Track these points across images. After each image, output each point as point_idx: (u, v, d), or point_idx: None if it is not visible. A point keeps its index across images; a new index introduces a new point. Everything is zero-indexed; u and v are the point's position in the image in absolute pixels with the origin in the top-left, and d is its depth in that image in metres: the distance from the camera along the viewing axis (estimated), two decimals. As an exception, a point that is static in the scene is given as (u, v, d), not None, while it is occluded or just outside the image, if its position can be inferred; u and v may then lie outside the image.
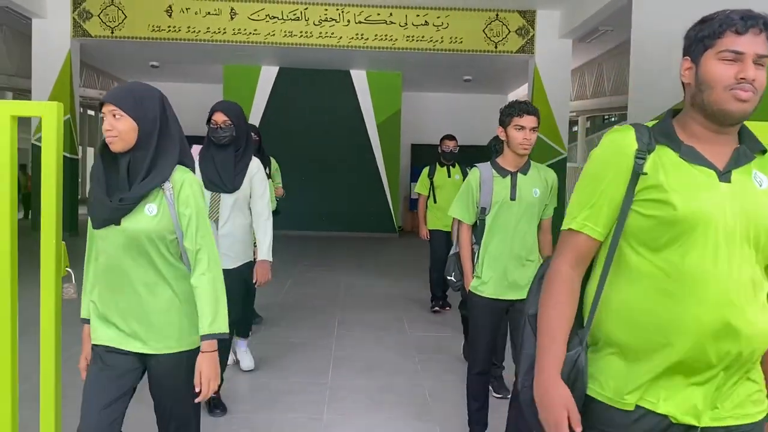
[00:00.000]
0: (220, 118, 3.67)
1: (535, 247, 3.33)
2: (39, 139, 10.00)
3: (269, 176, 5.31)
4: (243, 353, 4.80)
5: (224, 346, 3.72)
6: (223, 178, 3.69)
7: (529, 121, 3.19)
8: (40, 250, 2.51)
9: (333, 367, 4.89)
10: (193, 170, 2.29)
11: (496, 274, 3.27)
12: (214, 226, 3.67)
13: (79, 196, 13.12)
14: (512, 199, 3.26)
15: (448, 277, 3.57)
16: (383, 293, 7.82)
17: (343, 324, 6.24)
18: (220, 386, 3.32)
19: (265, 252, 3.88)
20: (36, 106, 2.51)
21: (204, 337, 2.18)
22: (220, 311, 2.20)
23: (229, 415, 3.89)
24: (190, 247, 2.20)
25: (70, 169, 11.71)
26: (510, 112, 3.22)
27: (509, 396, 3.95)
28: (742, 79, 1.45)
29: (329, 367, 4.89)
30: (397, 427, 3.85)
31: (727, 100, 1.47)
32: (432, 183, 6.55)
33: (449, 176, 6.51)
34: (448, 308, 6.87)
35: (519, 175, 3.29)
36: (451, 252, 3.60)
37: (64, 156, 2.65)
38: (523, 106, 3.22)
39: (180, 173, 2.21)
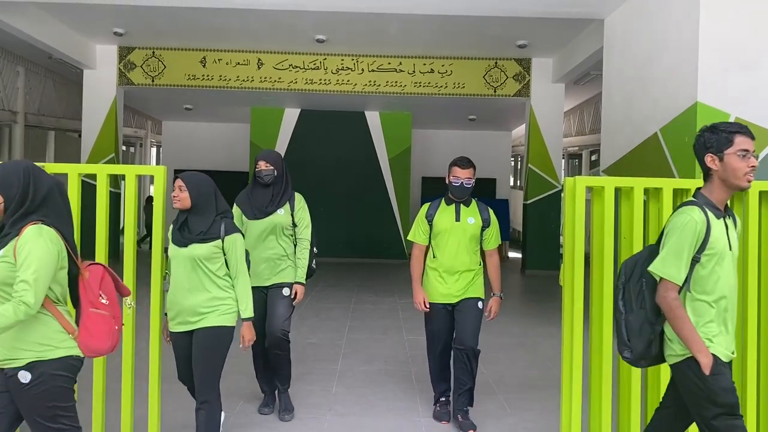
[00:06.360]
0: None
1: None
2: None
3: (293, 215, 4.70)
4: None
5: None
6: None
7: None
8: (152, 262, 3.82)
9: (342, 358, 6.16)
10: None
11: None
12: None
13: (122, 226, 14.50)
14: None
15: None
16: (388, 307, 9.07)
17: (352, 329, 7.49)
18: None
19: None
20: (152, 169, 3.77)
21: None
22: None
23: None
24: None
25: (115, 202, 13.01)
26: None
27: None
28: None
29: (339, 358, 6.15)
30: (386, 397, 5.08)
31: None
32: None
33: (458, 219, 4.58)
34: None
35: None
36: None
37: (110, 191, 3.91)
38: None
39: None
